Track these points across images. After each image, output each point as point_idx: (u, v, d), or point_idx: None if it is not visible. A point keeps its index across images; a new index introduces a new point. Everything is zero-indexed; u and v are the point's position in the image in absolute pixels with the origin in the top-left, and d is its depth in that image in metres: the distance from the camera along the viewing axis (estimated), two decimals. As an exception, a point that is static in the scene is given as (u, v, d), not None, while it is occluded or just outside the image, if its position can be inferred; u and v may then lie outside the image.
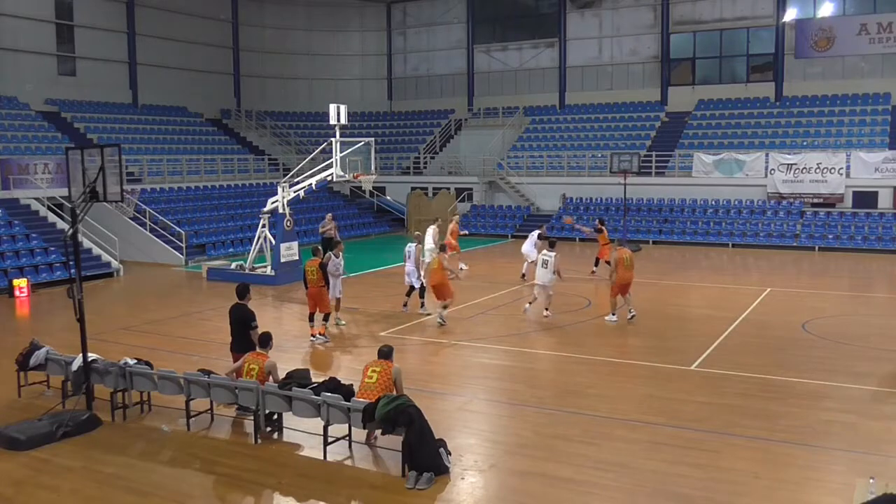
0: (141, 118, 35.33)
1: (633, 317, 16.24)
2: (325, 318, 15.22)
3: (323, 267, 14.96)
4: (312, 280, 14.87)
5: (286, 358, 12.53)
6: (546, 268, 16.51)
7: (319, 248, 16.36)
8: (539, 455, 9.21)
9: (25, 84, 31.82)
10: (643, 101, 37.81)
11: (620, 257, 16.15)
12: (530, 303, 17.25)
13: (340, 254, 16.29)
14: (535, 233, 22.10)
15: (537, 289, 16.97)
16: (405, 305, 17.47)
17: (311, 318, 15.17)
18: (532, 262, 19.72)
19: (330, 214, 23.81)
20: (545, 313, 16.83)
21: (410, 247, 17.64)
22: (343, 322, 16.33)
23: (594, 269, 22.66)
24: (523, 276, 21.53)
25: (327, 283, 15.00)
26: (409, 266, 17.40)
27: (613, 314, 16.34)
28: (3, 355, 13.21)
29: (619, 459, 9.03)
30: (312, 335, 15.02)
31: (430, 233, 21.69)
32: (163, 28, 37.20)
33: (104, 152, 10.47)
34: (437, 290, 16.23)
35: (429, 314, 16.94)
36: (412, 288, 17.39)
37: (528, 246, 21.58)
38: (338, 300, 16.10)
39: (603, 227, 22.39)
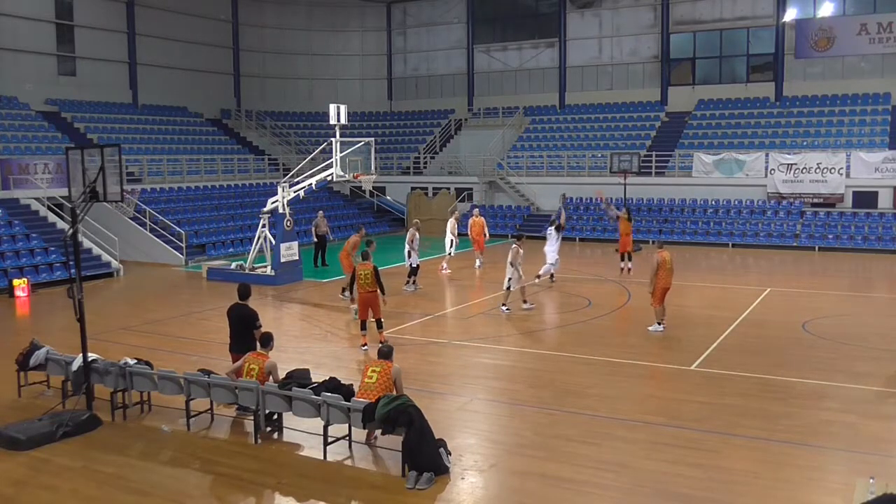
0: (141, 118, 35.32)
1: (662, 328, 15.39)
2: (380, 325, 14.30)
3: (377, 271, 14.03)
4: (367, 284, 13.90)
5: (286, 358, 12.52)
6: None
7: (369, 251, 14.96)
8: (539, 455, 9.21)
9: (25, 84, 31.83)
10: (643, 101, 37.77)
11: (663, 259, 14.98)
12: (504, 303, 17.48)
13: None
14: (551, 228, 20.70)
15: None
16: (414, 284, 20.11)
17: (364, 326, 14.25)
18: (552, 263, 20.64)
19: (321, 212, 24.18)
20: (524, 306, 17.48)
21: (411, 232, 20.31)
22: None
23: (622, 265, 22.18)
24: (538, 276, 20.44)
25: (380, 287, 13.96)
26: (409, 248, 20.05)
27: (660, 323, 15.23)
28: (3, 355, 13.19)
29: (619, 459, 9.03)
30: (363, 344, 14.24)
31: (450, 225, 23.60)
32: (163, 28, 37.20)
33: (104, 152, 10.48)
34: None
35: (416, 289, 20.02)
36: (412, 268, 20.03)
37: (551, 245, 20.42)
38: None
39: (629, 217, 22.12)
